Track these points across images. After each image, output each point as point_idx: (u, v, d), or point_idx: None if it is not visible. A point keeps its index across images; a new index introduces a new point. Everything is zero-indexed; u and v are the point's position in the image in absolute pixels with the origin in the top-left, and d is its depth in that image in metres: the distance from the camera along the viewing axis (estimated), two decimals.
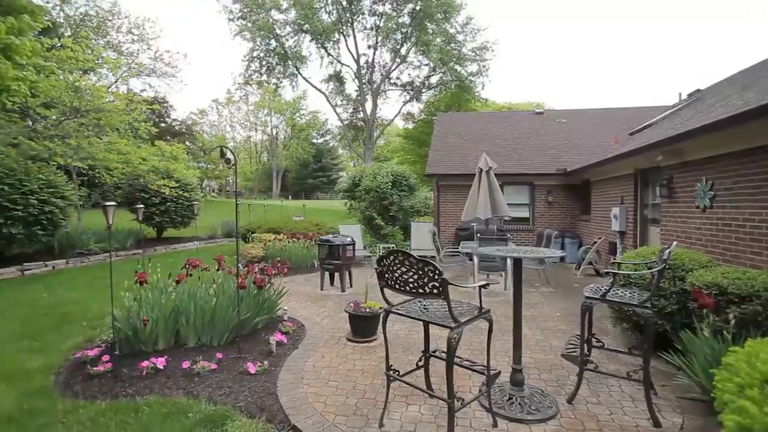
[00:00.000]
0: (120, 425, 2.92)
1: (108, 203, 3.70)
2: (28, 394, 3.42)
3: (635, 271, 4.09)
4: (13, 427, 2.94)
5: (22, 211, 8.43)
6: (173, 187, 12.46)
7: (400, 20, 31.12)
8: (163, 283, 4.69)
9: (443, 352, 3.29)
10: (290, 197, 51.35)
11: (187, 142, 34.06)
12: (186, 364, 3.74)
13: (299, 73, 33.94)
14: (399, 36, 31.64)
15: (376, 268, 2.76)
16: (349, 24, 32.08)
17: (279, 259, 6.53)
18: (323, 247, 6.90)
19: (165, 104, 34.82)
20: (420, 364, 3.21)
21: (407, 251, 2.49)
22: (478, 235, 7.24)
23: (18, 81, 6.92)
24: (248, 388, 3.44)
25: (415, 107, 35.00)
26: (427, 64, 32.35)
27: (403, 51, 32.43)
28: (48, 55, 10.00)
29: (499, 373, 3.04)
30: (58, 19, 21.70)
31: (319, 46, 32.77)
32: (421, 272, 2.49)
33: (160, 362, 3.75)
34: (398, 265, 2.59)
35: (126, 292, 4.48)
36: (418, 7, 30.06)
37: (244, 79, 35.58)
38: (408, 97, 34.30)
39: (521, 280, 3.26)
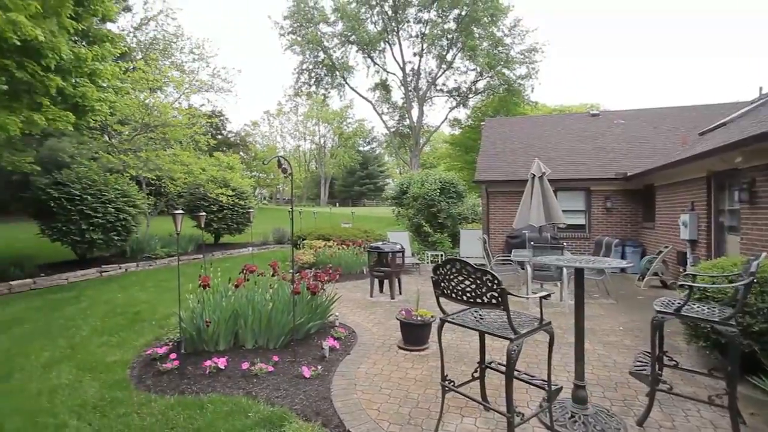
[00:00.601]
0: (187, 420, 3.09)
1: (177, 212, 3.97)
2: (109, 385, 3.73)
3: (713, 284, 3.74)
4: (98, 414, 3.22)
5: (101, 218, 9.27)
6: (230, 196, 13.17)
7: (446, 26, 31.08)
8: (223, 287, 4.95)
9: (500, 363, 3.19)
10: (337, 204, 52.51)
11: (241, 153, 35.94)
12: (245, 365, 3.90)
13: (346, 83, 34.85)
14: (445, 42, 31.59)
15: (431, 277, 2.73)
16: (394, 33, 32.50)
17: (331, 265, 6.66)
18: (372, 254, 6.95)
19: (221, 117, 37.03)
20: (475, 375, 3.12)
21: (464, 260, 2.45)
22: (532, 243, 6.96)
23: (101, 102, 7.66)
24: (303, 392, 3.52)
25: (462, 113, 34.67)
26: (473, 69, 32.00)
27: (449, 57, 32.31)
28: (124, 77, 11.01)
29: (561, 388, 2.88)
30: (131, 44, 23.85)
31: (366, 55, 33.48)
32: (479, 281, 2.43)
33: (222, 362, 3.95)
34: (455, 274, 2.54)
35: (190, 295, 4.78)
36: (463, 13, 29.85)
37: (294, 91, 37.11)
38: (454, 103, 34.03)
39: (583, 291, 3.08)
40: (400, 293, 7.18)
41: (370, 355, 4.40)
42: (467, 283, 2.51)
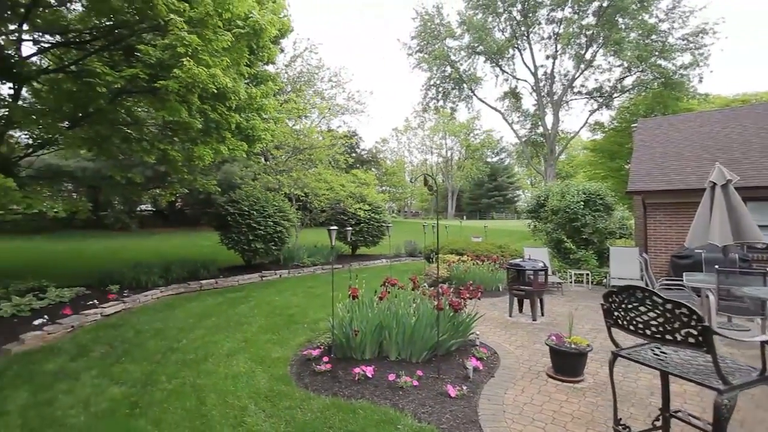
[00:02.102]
0: (342, 422, 3.31)
1: (332, 228, 4.39)
2: (275, 378, 4.25)
3: None
4: (269, 404, 3.68)
5: (263, 230, 10.86)
6: (366, 210, 14.09)
7: (584, 22, 28.31)
8: (368, 298, 5.24)
9: (689, 415, 2.64)
10: (465, 217, 51.88)
11: (373, 169, 38.36)
12: (391, 377, 4.03)
13: (474, 94, 34.49)
14: (583, 40, 28.80)
15: (602, 304, 2.42)
16: (524, 37, 31.00)
17: (471, 282, 6.53)
18: (511, 271, 6.58)
19: (356, 136, 40.22)
20: (657, 424, 2.63)
21: (650, 289, 2.10)
22: (716, 266, 5.70)
23: (265, 131, 9.06)
24: (450, 411, 3.46)
25: (605, 115, 31.06)
26: (619, 65, 28.34)
27: (588, 55, 29.31)
28: (280, 109, 12.84)
29: None
30: (284, 79, 27.83)
31: (494, 65, 32.69)
32: (668, 314, 2.05)
33: (369, 371, 4.15)
34: (635, 304, 2.20)
35: (339, 303, 5.18)
36: (605, 4, 26.81)
37: (423, 107, 38.12)
38: (596, 105, 30.61)
39: None
40: (542, 315, 6.61)
41: (516, 380, 4.12)
42: (651, 315, 2.15)
